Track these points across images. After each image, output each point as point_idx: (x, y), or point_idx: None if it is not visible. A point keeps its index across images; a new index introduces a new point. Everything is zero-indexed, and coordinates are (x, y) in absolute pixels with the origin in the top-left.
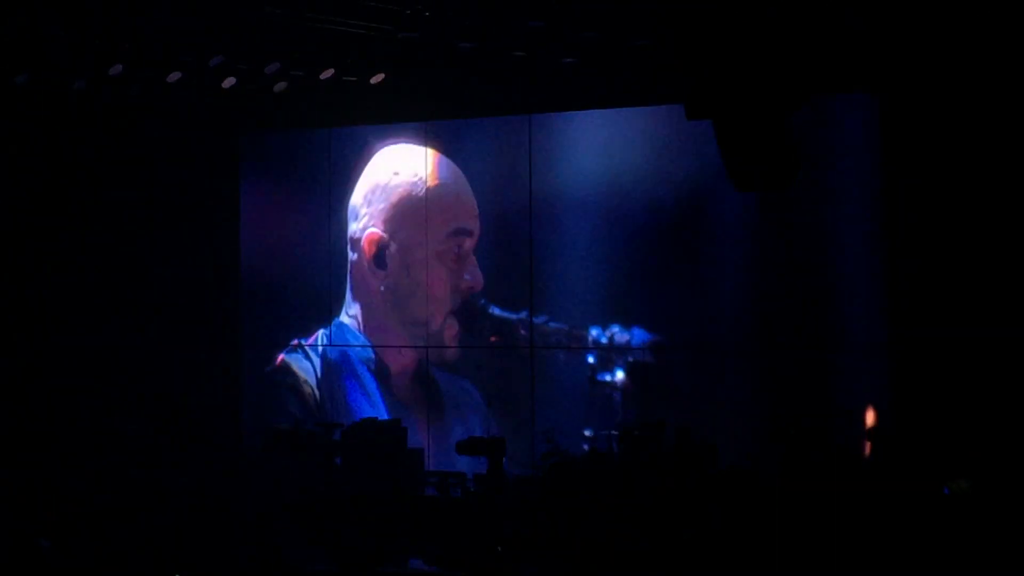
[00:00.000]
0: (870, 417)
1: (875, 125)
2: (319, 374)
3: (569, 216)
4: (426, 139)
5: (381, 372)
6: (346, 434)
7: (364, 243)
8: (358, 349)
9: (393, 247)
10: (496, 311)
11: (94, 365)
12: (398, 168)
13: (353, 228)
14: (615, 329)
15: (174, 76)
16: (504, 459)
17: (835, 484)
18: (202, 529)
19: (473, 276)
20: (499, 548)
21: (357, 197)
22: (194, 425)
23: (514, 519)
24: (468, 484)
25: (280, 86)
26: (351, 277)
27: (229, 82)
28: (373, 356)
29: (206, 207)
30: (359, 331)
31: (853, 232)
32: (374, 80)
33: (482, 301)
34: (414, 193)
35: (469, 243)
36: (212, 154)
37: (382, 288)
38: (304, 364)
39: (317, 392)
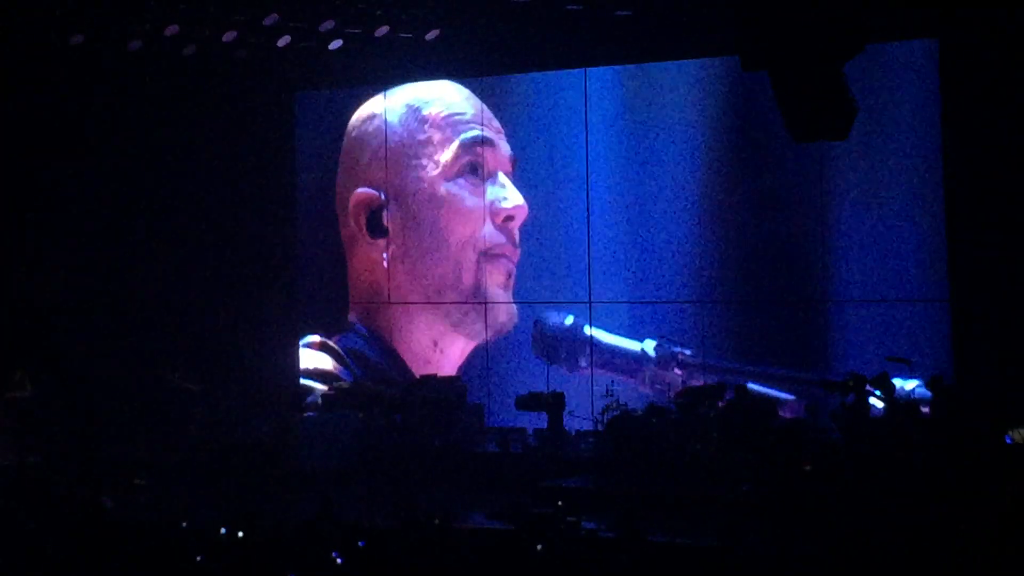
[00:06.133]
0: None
1: (934, 71)
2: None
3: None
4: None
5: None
6: (407, 391)
7: (351, 208)
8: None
9: (391, 203)
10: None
11: (154, 323)
12: (377, 109)
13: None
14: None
15: (229, 35)
16: (564, 413)
17: None
18: (262, 485)
19: (511, 197)
20: (559, 502)
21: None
22: (255, 382)
23: (574, 473)
24: (528, 439)
25: (335, 44)
26: (349, 267)
27: (284, 40)
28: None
29: (262, 165)
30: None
31: (913, 181)
32: (429, 36)
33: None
34: (401, 119)
35: (493, 157)
36: (268, 112)
37: (386, 258)
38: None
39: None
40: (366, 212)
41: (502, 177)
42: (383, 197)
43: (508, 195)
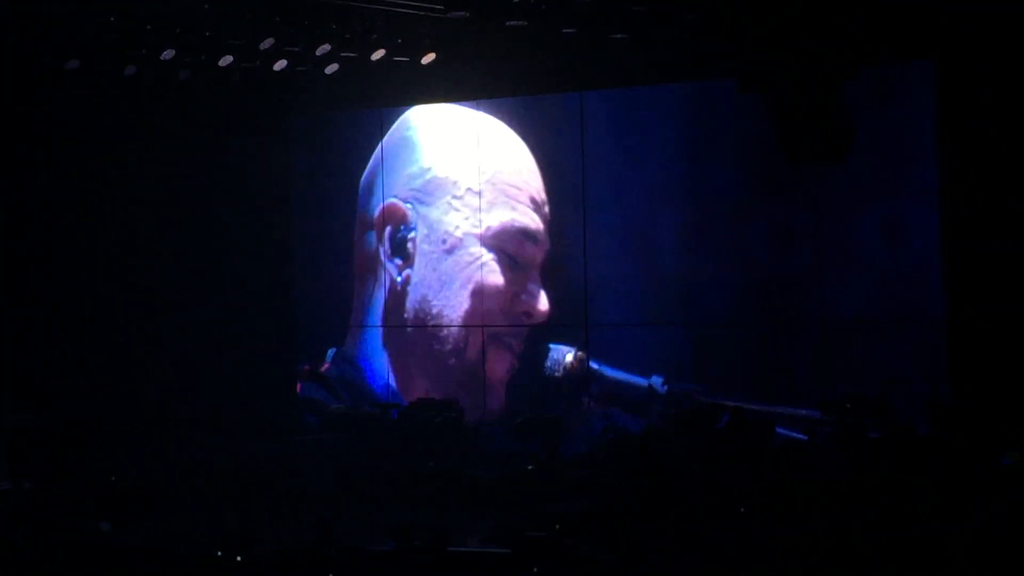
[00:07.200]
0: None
1: (930, 93)
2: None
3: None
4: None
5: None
6: (403, 414)
7: (378, 219)
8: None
9: (421, 228)
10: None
11: (150, 347)
12: (440, 124)
13: (363, 211)
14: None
15: (226, 60)
16: (561, 437)
17: None
18: (258, 508)
19: (538, 297)
20: (556, 526)
21: (374, 165)
22: (251, 405)
23: (571, 496)
24: (525, 462)
25: (331, 68)
26: (357, 281)
27: (280, 65)
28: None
29: (259, 189)
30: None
31: (910, 203)
32: (425, 60)
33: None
34: (464, 158)
35: (532, 252)
36: (264, 136)
37: (400, 280)
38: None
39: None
40: (394, 227)
41: (534, 272)
42: (414, 221)
43: (536, 293)
